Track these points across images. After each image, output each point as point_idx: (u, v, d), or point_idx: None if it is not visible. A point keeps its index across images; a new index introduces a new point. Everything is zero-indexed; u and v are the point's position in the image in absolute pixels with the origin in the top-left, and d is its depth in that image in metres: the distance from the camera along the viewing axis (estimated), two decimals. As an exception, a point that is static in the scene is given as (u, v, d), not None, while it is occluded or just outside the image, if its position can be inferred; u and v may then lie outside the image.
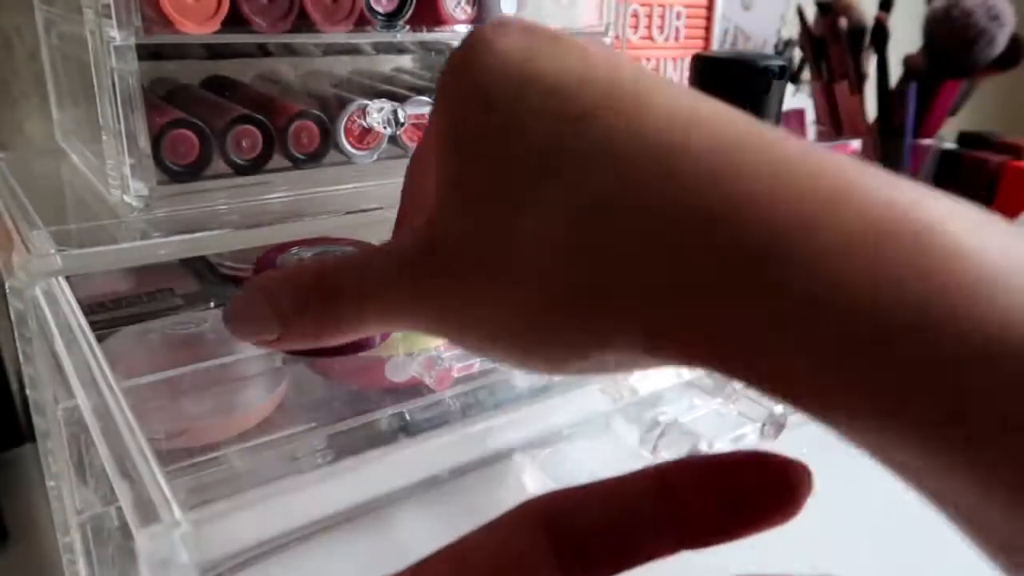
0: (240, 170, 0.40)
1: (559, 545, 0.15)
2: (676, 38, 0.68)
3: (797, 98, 0.85)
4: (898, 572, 0.43)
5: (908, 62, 0.75)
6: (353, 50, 0.49)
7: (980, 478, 0.11)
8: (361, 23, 0.40)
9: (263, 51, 0.48)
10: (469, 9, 0.43)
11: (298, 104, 0.41)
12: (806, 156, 0.14)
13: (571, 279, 0.15)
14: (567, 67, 0.16)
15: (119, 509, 0.32)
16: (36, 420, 0.34)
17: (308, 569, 0.34)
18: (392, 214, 0.23)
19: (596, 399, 0.30)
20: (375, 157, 0.43)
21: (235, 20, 0.37)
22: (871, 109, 0.79)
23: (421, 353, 0.42)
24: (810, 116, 0.84)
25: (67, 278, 0.32)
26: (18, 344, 0.33)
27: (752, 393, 0.37)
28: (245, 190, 0.40)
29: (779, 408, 0.36)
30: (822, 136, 0.79)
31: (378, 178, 0.43)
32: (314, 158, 0.41)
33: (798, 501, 0.15)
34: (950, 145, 0.79)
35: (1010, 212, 0.66)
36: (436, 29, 0.43)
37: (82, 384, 0.25)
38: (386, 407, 0.42)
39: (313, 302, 0.19)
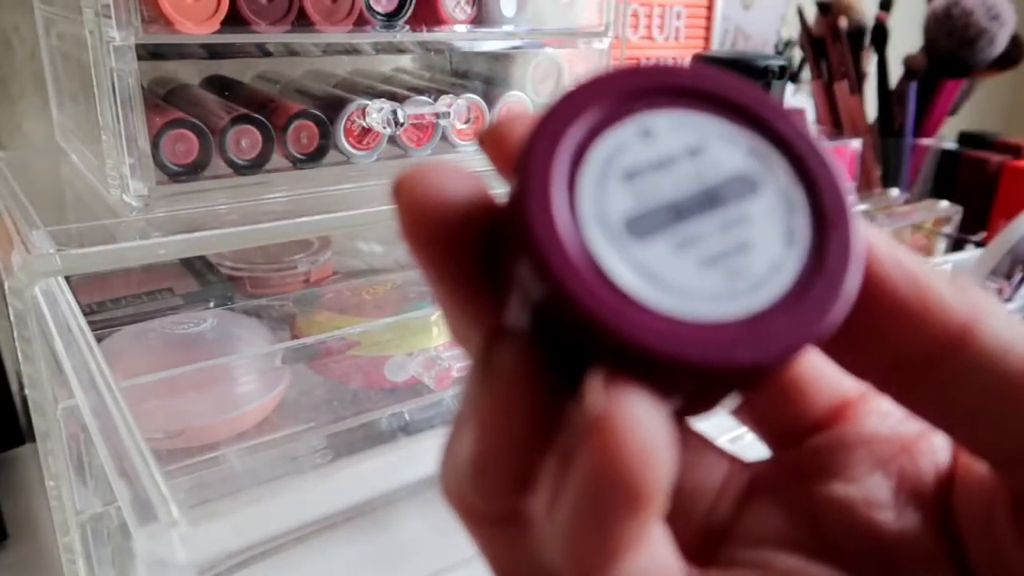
0: (239, 170, 0.40)
1: None
2: (676, 38, 0.68)
3: (797, 98, 0.85)
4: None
5: (908, 62, 0.75)
6: (353, 50, 0.49)
7: None
8: (361, 23, 0.40)
9: (263, 51, 0.48)
10: (469, 9, 0.43)
11: (298, 104, 0.41)
12: None
13: None
14: None
15: (118, 509, 0.32)
16: (36, 420, 0.34)
17: (306, 569, 0.34)
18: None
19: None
20: (375, 157, 0.43)
21: (235, 20, 0.37)
22: (871, 109, 0.79)
23: (421, 353, 0.42)
24: (810, 116, 0.83)
25: (67, 278, 0.32)
26: (18, 344, 0.33)
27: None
28: (244, 190, 0.40)
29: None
30: (822, 136, 0.79)
31: (378, 178, 0.43)
32: (314, 158, 0.41)
33: None
34: (950, 145, 0.79)
35: (1009, 212, 0.66)
36: (435, 29, 0.43)
37: (81, 384, 0.25)
38: (386, 407, 0.42)
39: None
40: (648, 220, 0.11)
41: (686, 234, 0.11)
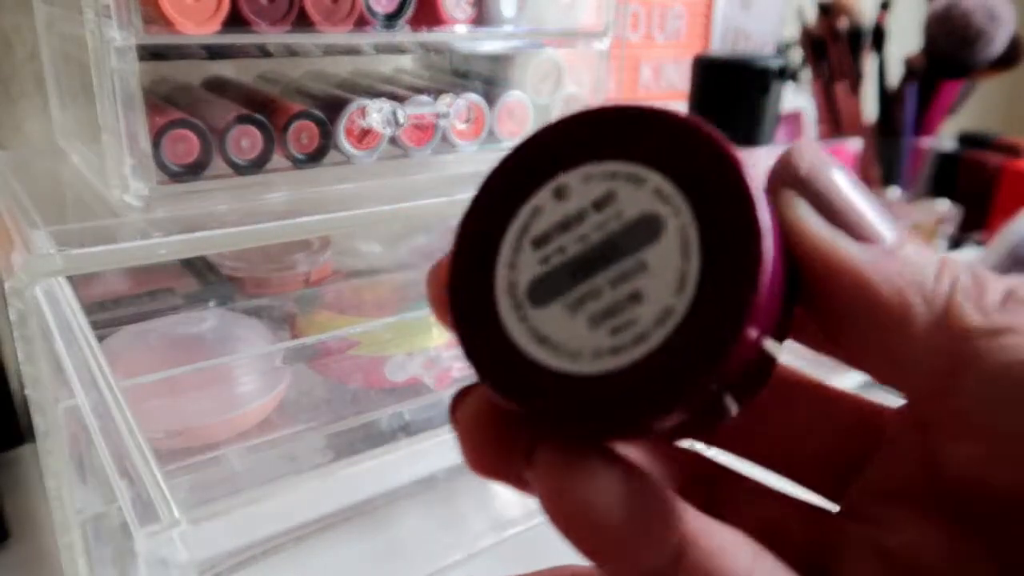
0: (240, 170, 0.40)
1: None
2: (676, 38, 0.68)
3: (797, 98, 0.85)
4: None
5: (908, 62, 0.75)
6: (353, 50, 0.49)
7: None
8: (361, 24, 0.40)
9: (263, 51, 0.48)
10: (469, 9, 0.43)
11: (298, 104, 0.42)
12: None
13: None
14: None
15: (119, 508, 0.32)
16: (36, 420, 0.34)
17: (307, 568, 0.34)
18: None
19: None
20: (375, 157, 0.43)
21: (235, 20, 0.37)
22: (871, 109, 0.79)
23: (421, 353, 0.42)
24: (810, 116, 0.84)
25: (68, 278, 0.32)
26: (18, 344, 0.33)
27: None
28: (245, 190, 0.40)
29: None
30: (822, 136, 0.79)
31: (378, 178, 0.43)
32: (314, 158, 0.42)
33: None
34: (950, 145, 0.79)
35: (1009, 212, 0.66)
36: (436, 29, 0.43)
37: (82, 384, 0.25)
38: (386, 407, 0.42)
39: None
40: (549, 284, 0.12)
41: (580, 293, 0.12)
